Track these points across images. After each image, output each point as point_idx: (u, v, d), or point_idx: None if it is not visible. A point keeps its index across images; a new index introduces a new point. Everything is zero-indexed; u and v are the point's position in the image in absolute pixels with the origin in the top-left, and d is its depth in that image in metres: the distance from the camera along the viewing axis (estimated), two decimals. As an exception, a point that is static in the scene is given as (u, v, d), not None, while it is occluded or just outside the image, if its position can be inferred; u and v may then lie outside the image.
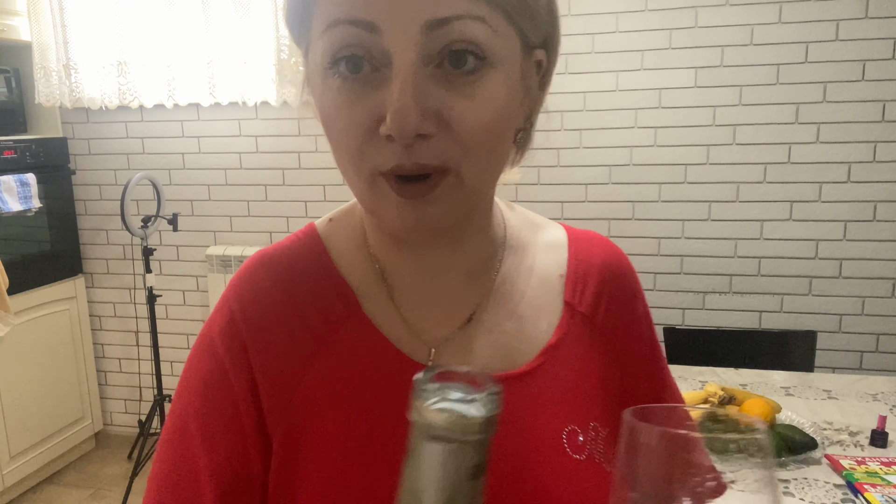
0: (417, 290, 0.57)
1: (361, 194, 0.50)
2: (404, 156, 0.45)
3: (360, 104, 0.46)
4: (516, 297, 0.58)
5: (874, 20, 2.32)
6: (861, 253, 2.46)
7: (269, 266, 0.57)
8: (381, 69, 0.45)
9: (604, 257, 0.63)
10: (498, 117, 0.47)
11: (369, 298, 0.56)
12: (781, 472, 1.33)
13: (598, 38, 2.52)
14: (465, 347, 0.56)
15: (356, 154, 0.47)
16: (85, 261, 3.18)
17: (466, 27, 0.44)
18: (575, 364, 0.58)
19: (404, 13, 0.43)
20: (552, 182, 2.66)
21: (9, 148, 2.69)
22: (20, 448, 2.74)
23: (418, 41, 0.44)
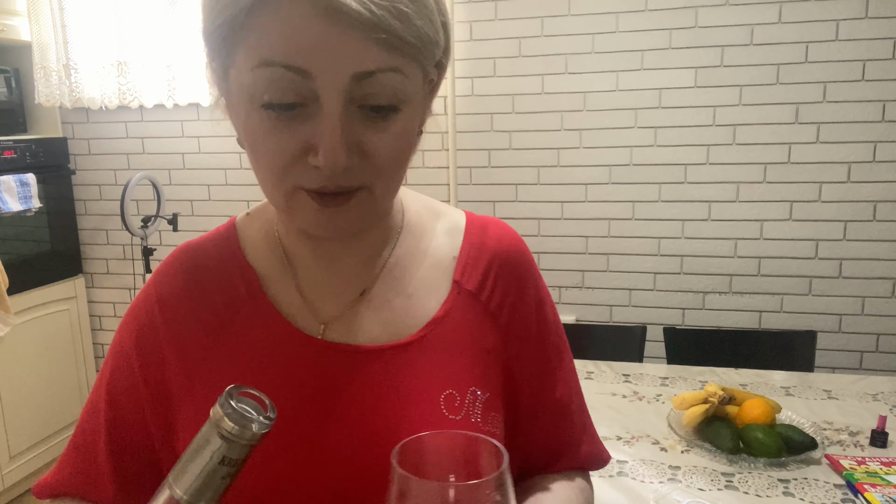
0: (316, 274, 0.64)
1: (279, 203, 0.56)
2: (329, 180, 0.52)
3: (288, 133, 0.52)
4: (407, 278, 0.65)
5: (874, 20, 2.32)
6: (861, 253, 2.46)
7: (187, 253, 0.66)
8: (309, 104, 0.51)
9: (497, 241, 0.70)
10: (406, 144, 0.56)
11: (273, 282, 0.64)
12: (781, 472, 1.33)
13: (598, 38, 2.52)
14: (354, 322, 0.63)
15: (280, 173, 0.53)
16: (85, 261, 3.18)
17: (386, 79, 0.51)
18: (458, 335, 0.64)
19: (335, 64, 0.49)
20: (552, 182, 2.66)
21: (9, 148, 2.69)
22: (20, 448, 2.74)
23: (346, 88, 0.50)
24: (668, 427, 1.51)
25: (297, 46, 0.49)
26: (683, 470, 1.35)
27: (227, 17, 0.51)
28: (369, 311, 0.63)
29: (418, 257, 0.67)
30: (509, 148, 2.68)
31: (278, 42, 0.49)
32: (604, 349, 2.10)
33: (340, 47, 0.49)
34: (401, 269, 0.66)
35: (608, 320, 2.71)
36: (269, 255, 0.65)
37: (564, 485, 0.69)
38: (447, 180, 2.74)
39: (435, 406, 0.60)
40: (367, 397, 0.59)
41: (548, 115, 2.62)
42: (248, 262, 0.65)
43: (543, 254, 2.72)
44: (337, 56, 0.49)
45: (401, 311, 0.64)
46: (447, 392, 0.61)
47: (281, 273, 0.64)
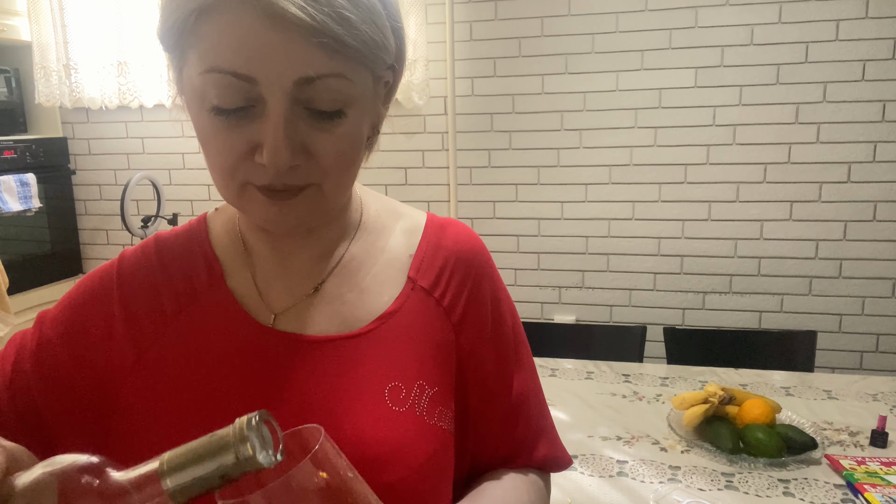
0: (273, 268, 0.66)
1: (230, 198, 0.58)
2: (275, 178, 0.54)
3: (236, 132, 0.54)
4: (362, 273, 0.67)
5: (874, 20, 2.32)
6: (861, 253, 2.46)
7: (158, 241, 0.68)
8: (256, 105, 0.53)
9: (455, 241, 0.71)
10: (352, 146, 0.57)
11: (234, 274, 0.66)
12: (781, 472, 1.33)
13: (598, 38, 2.52)
14: (305, 313, 0.64)
15: (228, 170, 0.55)
16: (85, 261, 3.18)
17: (330, 83, 0.53)
18: (409, 330, 0.65)
19: (278, 70, 0.51)
20: (552, 182, 2.66)
21: (9, 148, 2.69)
22: (20, 448, 2.74)
23: (289, 92, 0.52)
24: (668, 427, 1.51)
25: (243, 54, 0.50)
26: (683, 470, 1.35)
27: (176, 21, 0.53)
28: (321, 304, 0.65)
29: (374, 254, 0.68)
30: (509, 148, 2.68)
31: (224, 50, 0.51)
32: (604, 349, 2.10)
33: (284, 54, 0.50)
34: (356, 265, 0.67)
35: (608, 320, 2.71)
36: (232, 248, 0.67)
37: (515, 477, 0.70)
38: (447, 180, 2.74)
39: (379, 398, 0.61)
40: (311, 386, 0.61)
41: (548, 115, 2.62)
42: (213, 252, 0.67)
43: (543, 254, 2.72)
44: (281, 63, 0.51)
45: (352, 305, 0.65)
46: (392, 384, 0.62)
47: (241, 265, 0.67)
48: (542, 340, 2.10)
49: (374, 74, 0.57)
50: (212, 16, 0.51)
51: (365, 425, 0.60)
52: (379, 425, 0.60)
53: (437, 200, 2.77)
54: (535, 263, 2.73)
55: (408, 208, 0.74)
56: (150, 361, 0.62)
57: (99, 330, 0.64)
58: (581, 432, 1.51)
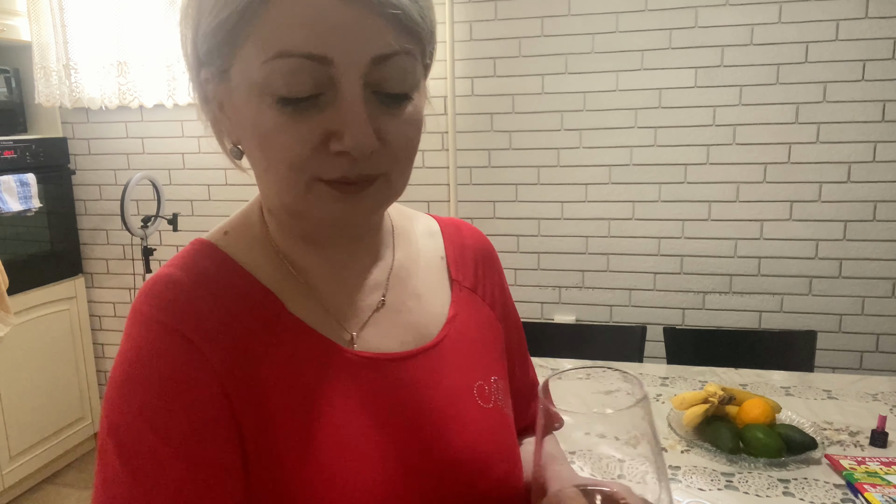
0: (331, 284, 0.62)
1: (295, 197, 0.54)
2: (350, 168, 0.51)
3: (306, 123, 0.50)
4: (412, 279, 0.67)
5: (874, 20, 2.32)
6: (861, 253, 2.46)
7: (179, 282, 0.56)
8: (325, 92, 0.50)
9: (473, 238, 0.75)
10: (417, 132, 0.56)
11: (292, 300, 0.60)
12: (781, 471, 1.33)
13: (598, 38, 2.52)
14: (382, 328, 0.63)
15: (298, 165, 0.51)
16: (85, 261, 3.18)
17: (401, 61, 0.51)
18: (471, 331, 0.68)
19: (356, 49, 0.48)
20: (552, 182, 2.66)
21: (9, 148, 2.69)
22: (20, 448, 2.74)
23: (365, 73, 0.50)
24: (668, 427, 1.51)
25: (317, 33, 0.47)
26: (683, 470, 1.35)
27: (234, 11, 0.49)
28: (389, 316, 0.64)
29: (413, 259, 0.69)
30: (509, 148, 2.68)
31: (296, 30, 0.48)
32: (604, 349, 2.10)
33: (359, 30, 0.48)
34: (405, 272, 0.67)
35: (608, 320, 2.71)
36: (276, 272, 0.61)
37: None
38: (447, 180, 2.74)
39: (471, 399, 0.64)
40: (409, 403, 0.60)
41: (548, 115, 2.62)
42: (259, 281, 0.59)
43: (543, 254, 2.72)
44: (356, 40, 0.48)
45: (417, 313, 0.66)
46: (478, 383, 0.65)
47: (295, 289, 0.60)
48: (542, 340, 2.10)
49: (423, 59, 0.55)
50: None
51: (469, 430, 0.62)
52: (479, 426, 0.63)
53: (437, 200, 2.77)
54: (535, 263, 2.73)
55: (411, 210, 0.75)
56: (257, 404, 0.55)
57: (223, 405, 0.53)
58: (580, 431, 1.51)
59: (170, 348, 0.53)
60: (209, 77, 0.55)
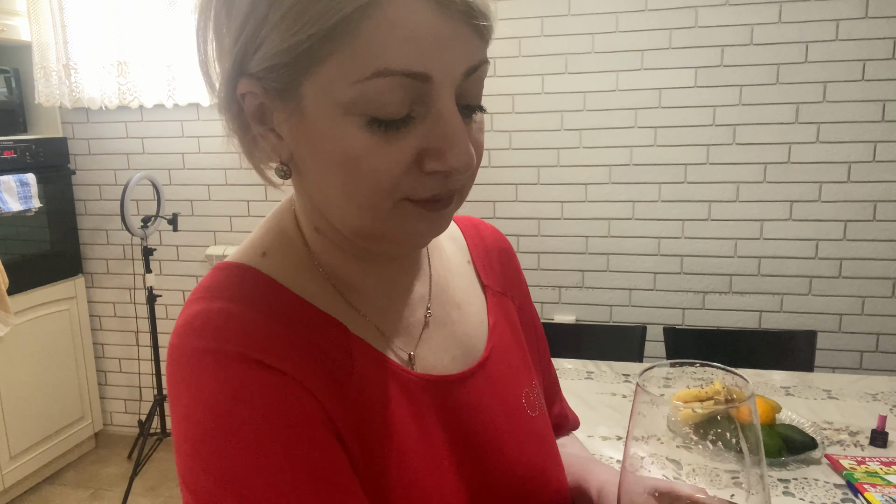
0: (380, 302, 0.59)
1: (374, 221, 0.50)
2: (443, 186, 0.50)
3: (397, 144, 0.47)
4: (450, 288, 0.65)
5: (874, 20, 2.32)
6: (861, 253, 2.46)
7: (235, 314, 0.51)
8: (416, 108, 0.47)
9: (493, 239, 0.74)
10: (484, 142, 0.54)
11: (347, 320, 0.56)
12: (781, 471, 1.33)
13: (598, 38, 2.52)
14: (434, 344, 0.61)
15: (389, 188, 0.48)
16: (85, 261, 3.18)
17: (482, 72, 0.51)
18: (510, 338, 0.68)
19: (452, 63, 0.47)
20: (552, 182, 2.66)
21: (9, 148, 2.69)
22: (20, 448, 2.74)
23: (458, 86, 0.48)
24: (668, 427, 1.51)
25: (418, 49, 0.45)
26: (683, 470, 1.34)
27: (321, 28, 0.44)
28: (438, 331, 0.62)
29: (447, 266, 0.67)
30: (509, 148, 2.68)
31: (395, 48, 0.44)
32: (604, 349, 2.10)
33: (456, 44, 0.46)
34: (444, 281, 0.65)
35: (608, 320, 2.71)
36: (324, 294, 0.57)
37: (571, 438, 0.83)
38: (447, 180, 2.74)
39: (521, 410, 0.64)
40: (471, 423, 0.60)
41: (548, 115, 2.62)
42: (313, 304, 0.55)
43: (543, 254, 2.72)
44: (454, 53, 0.46)
45: (460, 324, 0.64)
46: (525, 392, 0.65)
47: (347, 310, 0.57)
48: (542, 340, 2.10)
49: None
50: (376, 12, 0.44)
51: (525, 445, 0.62)
52: (531, 438, 0.63)
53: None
54: (535, 263, 2.73)
55: None
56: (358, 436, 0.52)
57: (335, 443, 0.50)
58: (581, 432, 1.51)
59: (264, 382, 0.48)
60: (254, 91, 0.50)
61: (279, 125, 0.51)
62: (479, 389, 0.61)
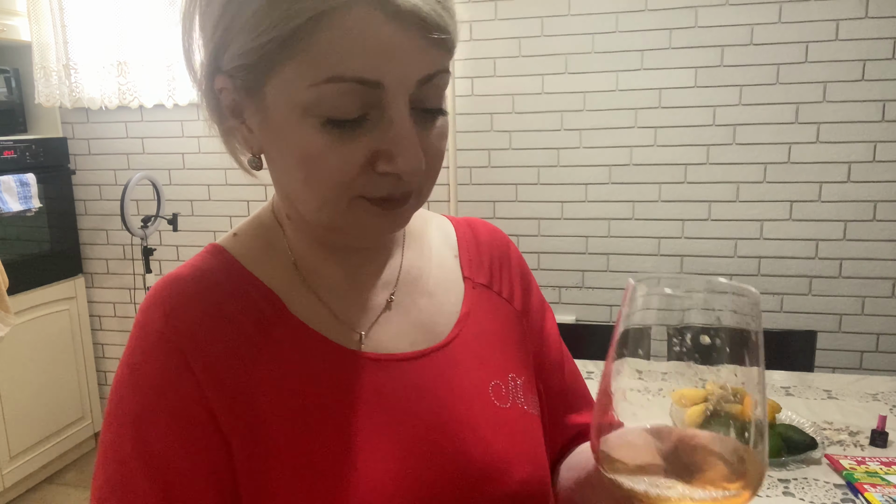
0: (340, 287, 0.62)
1: (335, 214, 0.54)
2: (396, 187, 0.53)
3: (352, 144, 0.50)
4: (423, 278, 0.66)
5: (874, 20, 2.32)
6: (861, 253, 2.46)
7: (186, 285, 0.58)
8: (371, 112, 0.50)
9: (488, 236, 0.74)
10: (445, 145, 0.57)
11: (294, 300, 0.60)
12: (781, 471, 1.33)
13: (598, 38, 2.52)
14: (391, 328, 0.62)
15: (343, 185, 0.52)
16: (85, 261, 3.18)
17: (441, 80, 0.53)
18: (486, 327, 0.67)
19: (405, 72, 0.49)
20: (552, 182, 2.66)
21: (9, 148, 2.69)
22: (20, 448, 2.74)
23: (411, 94, 0.50)
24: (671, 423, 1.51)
25: (370, 58, 0.48)
26: (683, 470, 1.34)
27: (281, 32, 0.48)
28: (399, 316, 0.63)
29: (426, 258, 0.68)
30: (509, 148, 2.68)
31: (348, 55, 0.47)
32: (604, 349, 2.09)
33: (410, 53, 0.49)
34: (416, 271, 0.67)
35: (608, 320, 2.71)
36: (282, 274, 0.61)
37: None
38: (447, 180, 2.74)
39: (485, 399, 0.62)
40: (419, 404, 0.59)
41: (548, 115, 2.62)
42: (263, 283, 0.60)
43: (543, 254, 2.72)
44: (407, 63, 0.49)
45: (429, 312, 0.65)
46: (493, 383, 0.64)
47: (300, 290, 0.61)
48: (542, 340, 2.09)
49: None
50: (332, 21, 0.47)
51: (482, 431, 0.60)
52: (493, 427, 0.61)
53: (437, 200, 2.77)
54: (535, 263, 2.73)
55: (427, 212, 0.75)
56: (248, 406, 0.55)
57: (200, 415, 0.53)
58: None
59: (159, 357, 0.54)
60: (227, 87, 0.54)
61: (249, 120, 0.55)
62: (434, 373, 0.61)
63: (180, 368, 0.54)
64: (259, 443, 0.54)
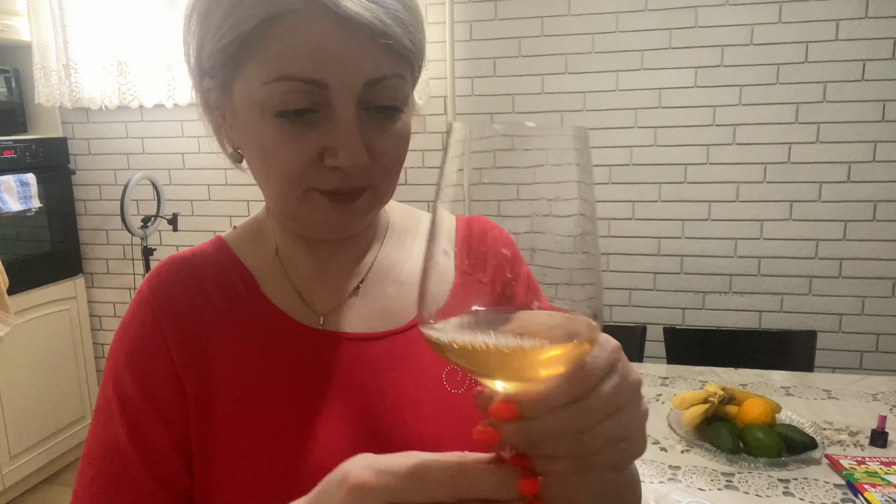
0: (312, 273, 0.67)
1: (290, 205, 0.58)
2: (344, 181, 0.56)
3: (302, 139, 0.54)
4: (397, 269, 0.69)
5: (874, 20, 2.32)
6: (861, 253, 2.46)
7: (180, 264, 0.66)
8: (320, 110, 0.54)
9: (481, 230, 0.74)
10: (405, 145, 0.60)
11: (269, 282, 0.66)
12: (781, 471, 1.33)
13: (598, 38, 2.52)
14: (351, 313, 0.66)
15: (294, 177, 0.56)
16: (85, 261, 3.18)
17: (393, 84, 0.55)
18: None
19: (350, 73, 0.53)
20: (552, 182, 2.65)
21: (9, 148, 2.69)
22: (20, 448, 2.74)
23: (358, 94, 0.54)
24: (668, 427, 1.51)
25: (315, 60, 0.52)
26: (683, 470, 1.35)
27: (239, 34, 0.53)
28: (365, 302, 0.66)
29: (405, 253, 0.71)
30: (509, 148, 2.68)
31: (295, 57, 0.52)
32: (604, 349, 2.10)
33: (355, 57, 0.52)
34: (390, 262, 0.70)
35: (608, 320, 2.71)
36: (265, 261, 0.67)
37: None
38: (447, 180, 2.74)
39: (437, 383, 0.64)
40: (370, 383, 0.62)
41: (548, 115, 2.62)
42: (243, 264, 0.67)
43: (543, 254, 2.72)
44: (352, 66, 0.53)
45: (395, 299, 0.67)
46: (449, 368, 0.65)
47: (277, 274, 0.67)
48: (542, 340, 2.09)
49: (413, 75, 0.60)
50: (281, 25, 0.52)
51: (427, 412, 0.62)
52: (440, 411, 0.63)
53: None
54: (535, 263, 2.72)
55: (424, 213, 0.77)
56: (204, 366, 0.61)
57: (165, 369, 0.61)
58: (581, 432, 1.51)
59: (138, 318, 0.63)
60: (212, 87, 0.59)
61: (228, 117, 0.60)
62: (390, 355, 0.64)
63: (154, 329, 0.62)
64: (210, 405, 0.60)
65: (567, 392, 0.37)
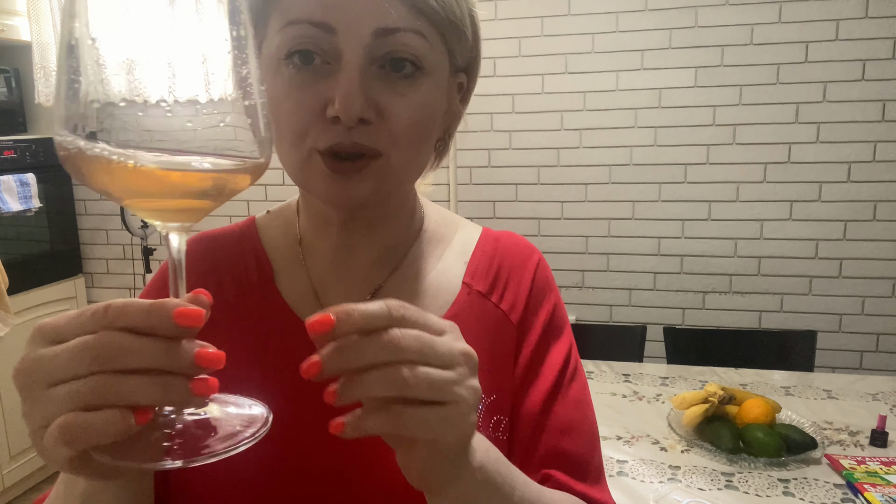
0: (331, 269, 0.64)
1: (295, 169, 0.56)
2: (345, 136, 0.52)
3: (309, 90, 0.53)
4: (420, 278, 0.66)
5: (874, 20, 2.32)
6: (861, 253, 2.46)
7: (203, 242, 0.66)
8: (331, 63, 0.52)
9: (512, 249, 0.70)
10: (425, 116, 0.56)
11: (286, 274, 0.64)
12: (781, 471, 1.33)
13: (598, 38, 2.52)
14: None
15: (299, 133, 0.54)
16: (85, 261, 3.18)
17: (408, 38, 0.52)
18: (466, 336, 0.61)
19: (358, 19, 0.51)
20: (552, 182, 2.66)
21: (9, 148, 2.69)
22: (20, 448, 2.74)
23: (367, 44, 0.51)
24: (668, 427, 1.51)
25: (323, 4, 0.51)
26: (683, 470, 1.35)
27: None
28: None
29: (431, 261, 0.67)
30: (509, 148, 2.68)
31: (306, 2, 0.52)
32: (604, 349, 2.10)
33: (364, 3, 0.51)
34: (414, 271, 0.66)
35: (608, 320, 2.71)
36: (287, 251, 0.66)
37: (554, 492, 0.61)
38: (447, 180, 2.74)
39: None
40: None
41: (548, 115, 2.62)
42: (265, 253, 0.65)
43: (543, 254, 2.72)
44: (360, 11, 0.51)
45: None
46: None
47: (295, 267, 0.65)
48: (542, 340, 2.09)
49: (451, 60, 0.57)
50: None
51: None
52: None
53: (438, 200, 2.75)
54: (535, 263, 2.73)
55: (466, 221, 0.73)
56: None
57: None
58: (581, 432, 1.51)
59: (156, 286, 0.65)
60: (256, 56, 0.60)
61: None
62: None
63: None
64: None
65: (382, 310, 0.38)
